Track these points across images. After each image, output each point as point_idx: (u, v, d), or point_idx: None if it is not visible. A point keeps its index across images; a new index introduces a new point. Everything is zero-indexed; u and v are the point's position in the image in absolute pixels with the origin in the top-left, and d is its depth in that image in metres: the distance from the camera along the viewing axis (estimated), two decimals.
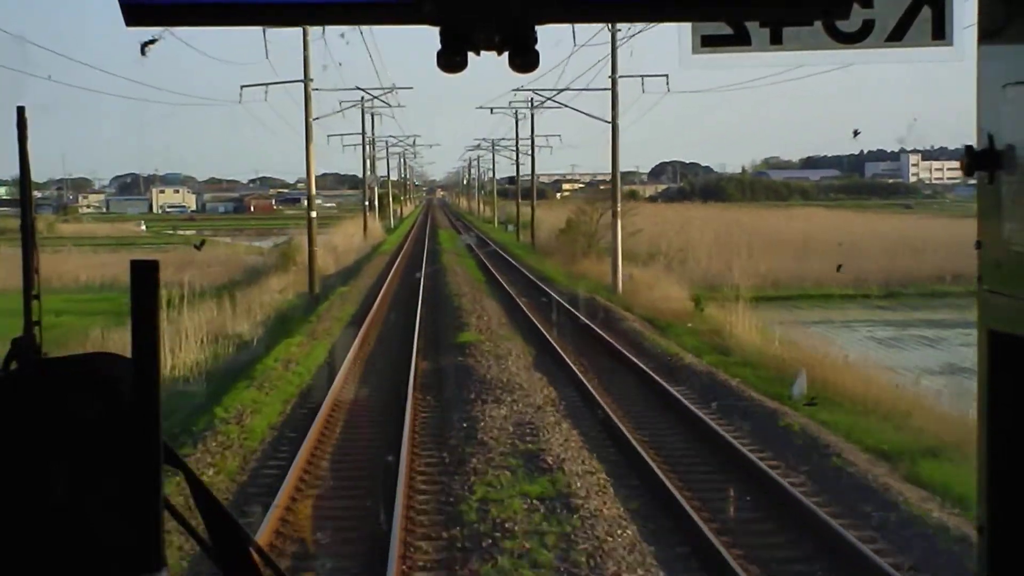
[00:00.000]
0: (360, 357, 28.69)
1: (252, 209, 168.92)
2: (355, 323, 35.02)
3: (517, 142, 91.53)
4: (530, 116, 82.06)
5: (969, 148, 2.27)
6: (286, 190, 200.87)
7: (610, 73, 45.84)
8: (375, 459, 18.36)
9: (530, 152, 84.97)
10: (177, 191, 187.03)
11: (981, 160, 2.26)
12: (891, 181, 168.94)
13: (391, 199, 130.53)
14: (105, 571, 1.85)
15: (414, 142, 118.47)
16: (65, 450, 1.85)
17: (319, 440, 19.32)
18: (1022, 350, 2.18)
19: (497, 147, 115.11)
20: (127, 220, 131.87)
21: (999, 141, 2.22)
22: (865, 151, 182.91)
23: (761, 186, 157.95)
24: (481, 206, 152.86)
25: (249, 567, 2.01)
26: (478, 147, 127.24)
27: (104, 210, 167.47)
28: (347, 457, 18.75)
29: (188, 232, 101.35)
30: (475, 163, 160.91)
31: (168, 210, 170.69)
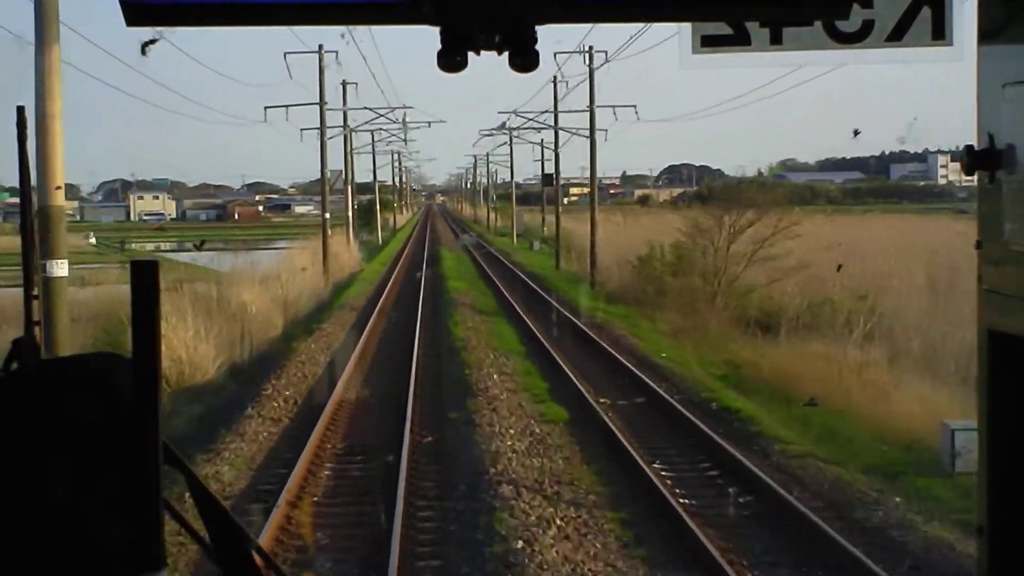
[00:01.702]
0: None
1: (237, 216, 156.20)
2: None
3: (556, 111, 62.64)
4: (588, 73, 51.51)
5: (969, 148, 2.28)
6: (275, 195, 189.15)
7: None
8: None
9: (588, 129, 52.57)
10: (157, 197, 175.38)
11: (981, 160, 2.26)
12: (922, 184, 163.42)
13: (380, 206, 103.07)
14: (105, 571, 1.85)
15: (404, 117, 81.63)
16: (65, 450, 1.85)
17: None
18: (1022, 350, 2.18)
19: (527, 127, 75.02)
20: (96, 229, 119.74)
21: (999, 141, 2.23)
22: (887, 151, 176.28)
23: (784, 190, 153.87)
24: (493, 215, 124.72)
25: (249, 567, 2.01)
26: (503, 126, 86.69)
27: (78, 218, 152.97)
28: None
29: (140, 246, 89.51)
30: (485, 160, 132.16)
31: (145, 218, 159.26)
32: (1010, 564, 2.27)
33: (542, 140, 76.47)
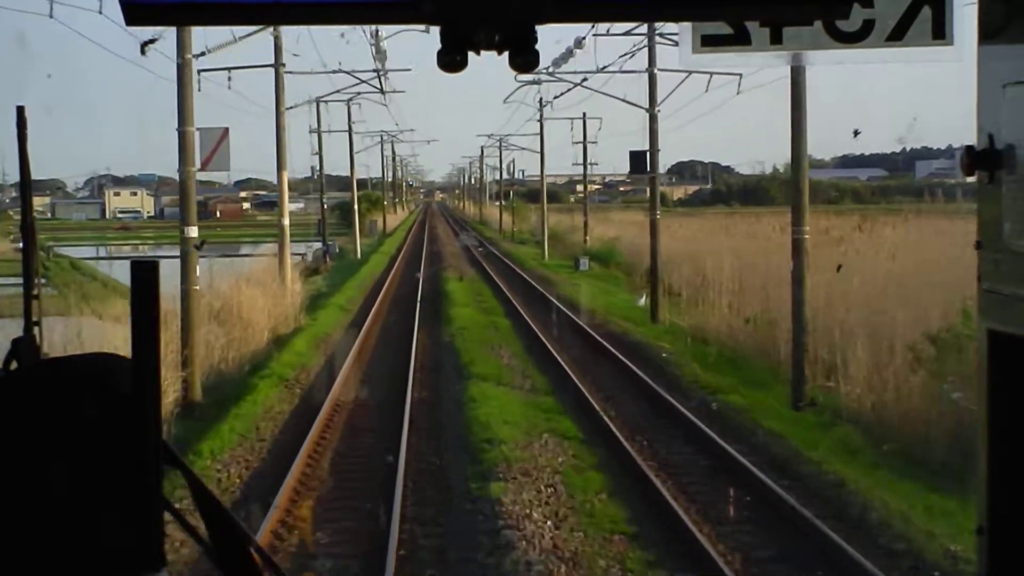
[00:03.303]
0: None
1: (219, 214, 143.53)
2: None
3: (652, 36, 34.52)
4: None
5: (969, 148, 2.28)
6: (263, 192, 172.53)
7: None
8: None
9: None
10: (135, 193, 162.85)
11: (981, 160, 2.27)
12: (952, 182, 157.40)
13: (368, 205, 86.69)
14: (105, 571, 1.85)
15: (383, 69, 48.89)
16: (65, 450, 1.86)
17: None
18: (1022, 350, 2.19)
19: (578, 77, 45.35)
20: (63, 228, 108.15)
21: (999, 141, 2.23)
22: (908, 148, 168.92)
23: (808, 187, 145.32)
24: (504, 216, 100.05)
25: (249, 567, 2.01)
26: (561, 62, 40.45)
27: (49, 215, 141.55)
28: None
29: (81, 249, 75.02)
30: (497, 144, 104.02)
31: (119, 215, 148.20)
32: (1010, 564, 2.27)
33: (584, 115, 62.76)
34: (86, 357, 1.96)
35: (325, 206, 61.04)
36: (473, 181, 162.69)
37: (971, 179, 2.37)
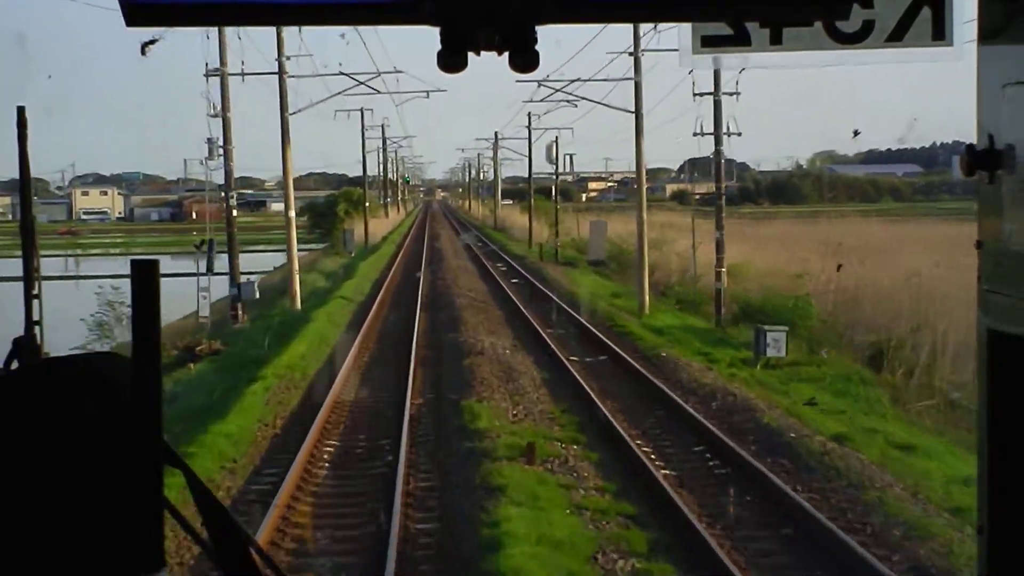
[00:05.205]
0: None
1: (194, 216, 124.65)
2: None
3: None
4: None
5: (969, 148, 2.28)
6: (249, 191, 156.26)
7: None
8: None
9: None
10: (105, 193, 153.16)
11: (981, 160, 2.26)
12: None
13: (349, 206, 68.72)
14: (105, 571, 1.85)
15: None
16: (65, 450, 1.85)
17: None
18: (1022, 350, 2.18)
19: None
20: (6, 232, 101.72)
21: (999, 141, 2.23)
22: (938, 142, 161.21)
23: (842, 184, 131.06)
24: (525, 219, 79.91)
25: (249, 567, 2.01)
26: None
27: (10, 217, 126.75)
28: None
29: None
30: (526, 119, 77.76)
31: (84, 217, 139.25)
32: (1010, 564, 2.27)
33: (721, 59, 36.29)
34: (86, 357, 1.96)
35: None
36: (482, 176, 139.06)
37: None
